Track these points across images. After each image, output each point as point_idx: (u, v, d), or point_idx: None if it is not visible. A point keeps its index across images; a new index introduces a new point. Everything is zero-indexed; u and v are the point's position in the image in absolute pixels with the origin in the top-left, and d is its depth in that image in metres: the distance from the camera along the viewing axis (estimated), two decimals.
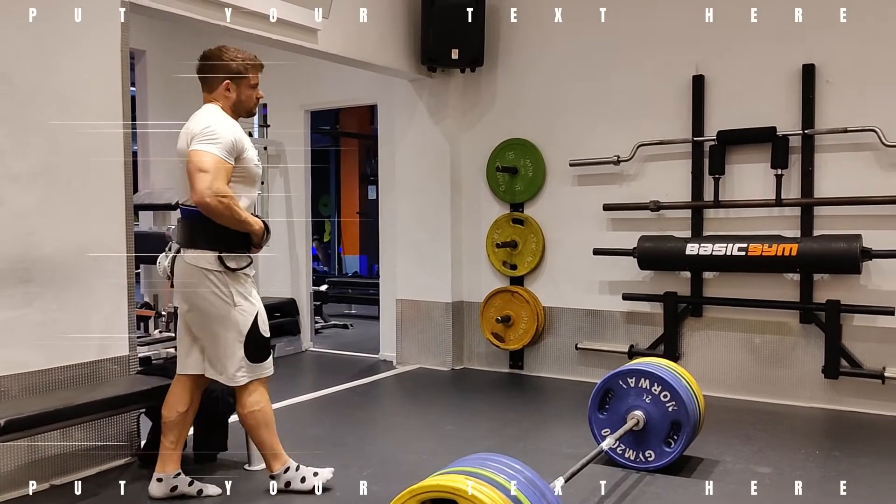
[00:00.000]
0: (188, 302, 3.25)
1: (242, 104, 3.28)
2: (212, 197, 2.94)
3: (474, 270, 6.08)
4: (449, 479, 2.12)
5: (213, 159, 2.99)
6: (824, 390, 4.79)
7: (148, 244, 6.06)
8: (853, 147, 4.66)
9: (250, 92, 3.28)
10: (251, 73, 3.26)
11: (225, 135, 3.05)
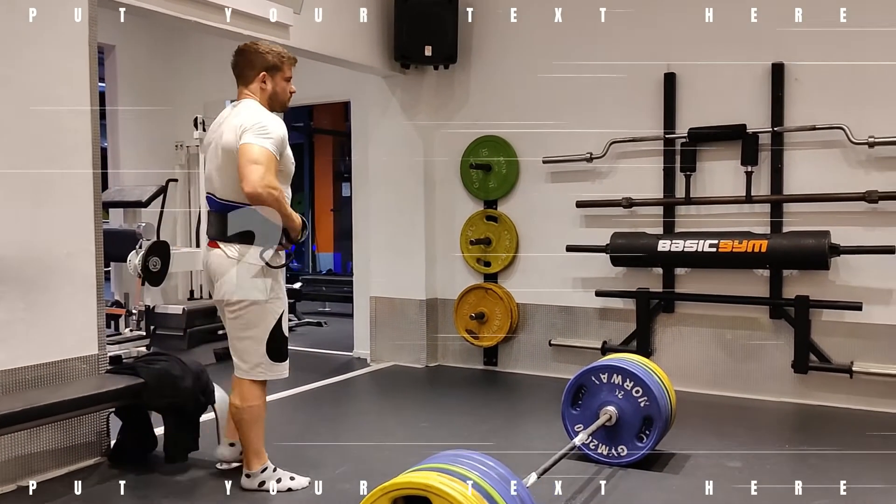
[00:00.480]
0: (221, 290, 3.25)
1: (277, 96, 3.32)
2: (264, 188, 3.00)
3: (448, 267, 6.08)
4: (421, 476, 2.11)
5: (266, 153, 3.05)
6: (794, 385, 4.85)
7: (118, 242, 6.01)
8: (821, 144, 4.72)
9: (284, 85, 3.33)
10: (286, 65, 3.31)
11: (275, 131, 3.12)
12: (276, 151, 3.10)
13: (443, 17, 5.57)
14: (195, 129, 6.52)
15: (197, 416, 3.62)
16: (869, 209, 4.57)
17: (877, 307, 4.59)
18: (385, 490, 2.10)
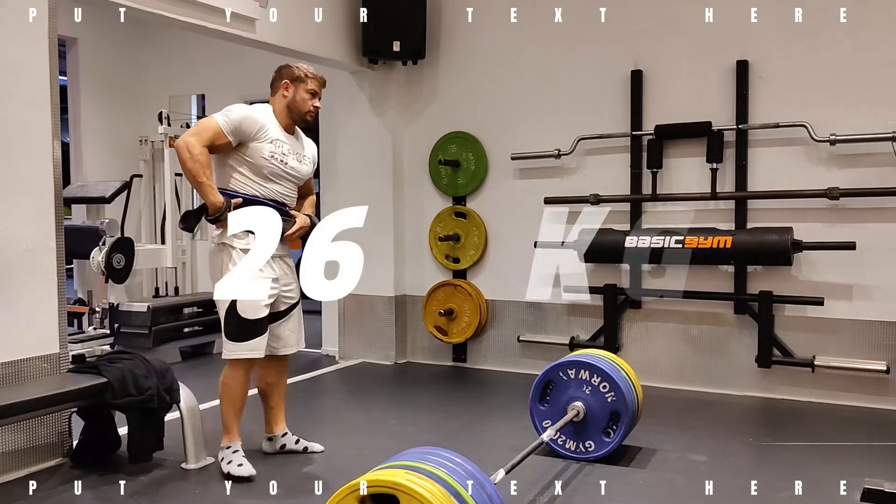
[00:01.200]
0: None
1: (297, 105, 3.52)
2: (183, 143, 3.30)
3: (417, 264, 6.06)
4: (388, 474, 2.10)
5: (208, 121, 3.37)
6: (757, 379, 4.92)
7: (81, 239, 5.91)
8: (785, 142, 4.79)
9: (305, 96, 3.52)
10: (310, 80, 3.54)
11: (235, 112, 3.38)
12: (224, 124, 3.34)
13: (411, 12, 5.55)
14: (160, 124, 6.44)
15: (162, 416, 3.57)
16: (830, 206, 4.65)
17: (838, 302, 4.68)
18: (352, 488, 2.09)
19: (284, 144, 3.51)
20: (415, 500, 2.01)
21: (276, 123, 3.50)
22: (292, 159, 3.54)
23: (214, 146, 3.36)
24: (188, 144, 3.28)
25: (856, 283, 4.65)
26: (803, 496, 3.21)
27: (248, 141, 3.39)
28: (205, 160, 3.32)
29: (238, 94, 6.79)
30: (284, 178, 3.53)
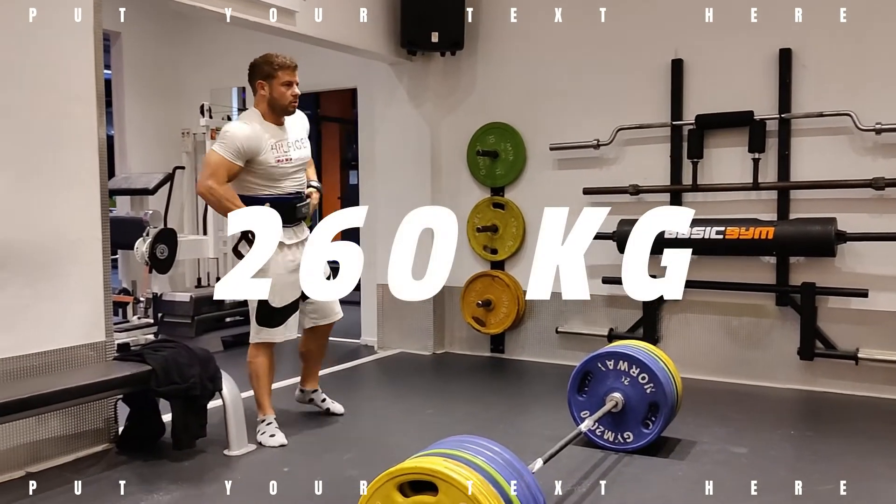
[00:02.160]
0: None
1: (277, 101, 3.64)
2: (204, 189, 3.56)
3: (455, 255, 6.06)
4: (426, 461, 2.12)
5: (214, 157, 3.57)
6: (799, 371, 4.85)
7: (125, 230, 6.03)
8: (828, 131, 4.69)
9: (283, 89, 3.62)
10: (280, 71, 3.61)
11: (231, 138, 3.56)
12: (230, 155, 3.54)
13: (449, 3, 5.54)
14: (202, 116, 6.53)
15: (204, 403, 3.64)
16: (875, 196, 4.55)
17: (883, 294, 4.58)
18: (391, 475, 2.11)
19: (283, 142, 3.69)
20: (452, 487, 2.02)
21: (267, 124, 3.66)
22: (294, 151, 3.74)
23: (234, 176, 3.60)
24: (209, 190, 3.54)
25: None
26: (846, 490, 3.16)
27: (254, 157, 3.60)
28: (229, 194, 3.58)
29: None
30: (293, 170, 3.77)
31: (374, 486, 2.13)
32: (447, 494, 2.04)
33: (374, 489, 2.13)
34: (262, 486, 3.27)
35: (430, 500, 2.06)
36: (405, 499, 2.10)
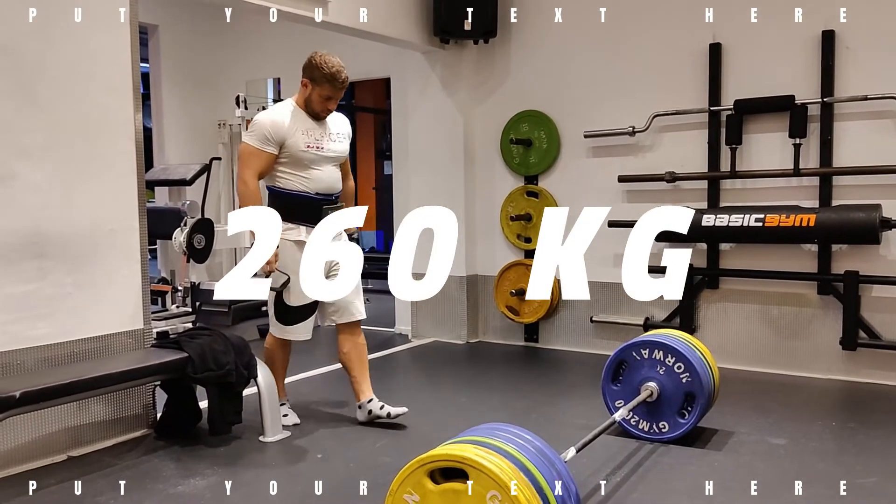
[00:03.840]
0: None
1: (311, 104, 3.68)
2: (239, 182, 3.63)
3: (488, 244, 6.05)
4: (457, 448, 2.11)
5: (245, 148, 3.65)
6: (842, 362, 4.74)
7: (164, 220, 6.11)
8: (873, 115, 4.57)
9: (319, 99, 3.64)
10: (325, 85, 3.60)
11: (260, 125, 3.62)
12: (258, 142, 3.59)
13: None
14: (237, 108, 6.59)
15: (240, 390, 3.68)
16: None
17: None
18: (422, 462, 2.11)
19: (316, 130, 3.69)
20: (483, 474, 2.01)
21: (303, 114, 3.68)
22: (327, 141, 3.73)
23: (267, 164, 3.63)
24: (242, 183, 3.59)
25: None
26: (888, 483, 3.08)
27: (284, 140, 3.61)
28: (255, 198, 3.59)
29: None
30: (324, 161, 3.74)
31: (404, 472, 2.13)
32: (478, 481, 2.03)
33: (404, 475, 2.13)
34: (297, 472, 3.30)
35: (460, 487, 2.06)
36: (435, 486, 2.09)
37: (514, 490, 1.98)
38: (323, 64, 3.58)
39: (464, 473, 2.05)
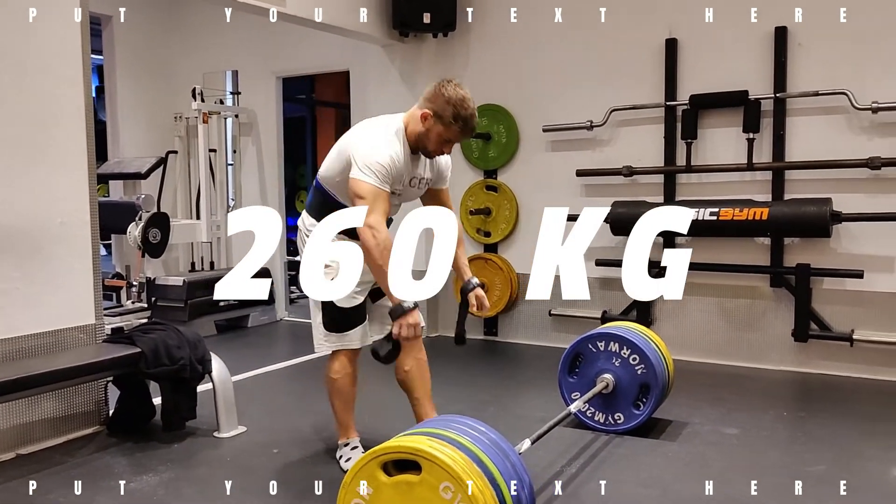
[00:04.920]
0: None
1: (422, 141, 2.98)
2: (366, 229, 2.84)
3: None
4: (410, 440, 2.11)
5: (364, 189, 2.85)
6: (794, 353, 4.84)
7: (118, 214, 6.00)
8: (824, 110, 4.66)
9: (437, 140, 2.96)
10: (452, 129, 2.93)
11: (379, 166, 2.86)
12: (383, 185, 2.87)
13: None
14: (194, 100, 6.49)
15: (194, 385, 3.63)
16: (871, 176, 4.52)
17: (878, 275, 4.57)
18: (375, 454, 2.10)
19: (415, 168, 3.07)
20: (436, 466, 2.01)
21: (408, 149, 3.00)
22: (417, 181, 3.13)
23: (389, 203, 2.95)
24: (373, 231, 2.81)
25: None
26: (838, 471, 3.15)
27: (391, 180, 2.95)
28: (391, 245, 2.85)
29: (269, 69, 6.82)
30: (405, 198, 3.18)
31: (358, 464, 2.12)
32: (430, 473, 2.02)
33: (358, 467, 2.12)
34: (252, 467, 3.27)
35: (413, 479, 2.06)
36: (388, 478, 2.09)
37: (470, 488, 1.98)
38: (459, 103, 2.89)
39: (417, 465, 2.05)
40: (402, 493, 2.07)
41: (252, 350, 5.79)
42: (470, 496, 1.98)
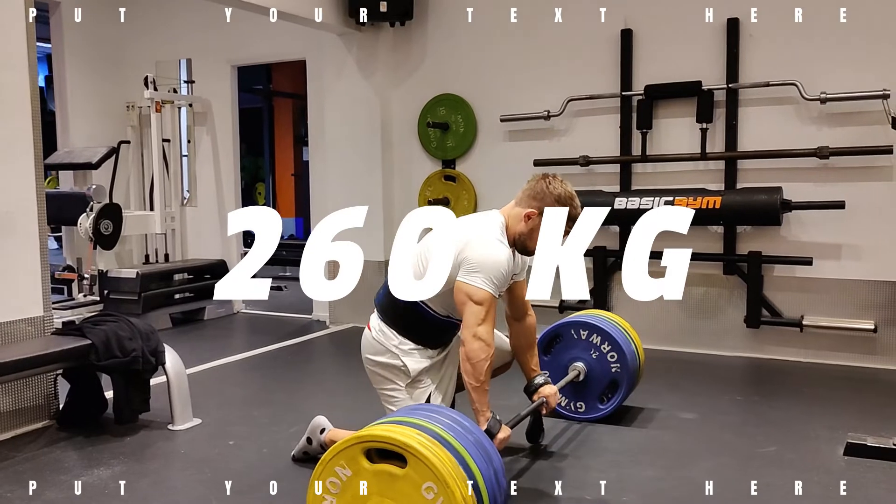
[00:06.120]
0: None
1: (522, 241, 2.85)
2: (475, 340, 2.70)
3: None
4: (399, 432, 2.07)
5: (484, 295, 2.70)
6: (747, 339, 4.93)
7: (68, 205, 5.87)
8: (775, 101, 4.74)
9: (536, 239, 2.82)
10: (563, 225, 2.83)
11: (499, 274, 2.73)
12: (498, 290, 2.74)
13: None
14: (146, 89, 6.37)
15: (147, 377, 3.56)
16: (820, 165, 4.62)
17: (826, 262, 4.67)
18: (360, 439, 2.07)
19: (515, 267, 2.92)
20: (422, 464, 1.99)
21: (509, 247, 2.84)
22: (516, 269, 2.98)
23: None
24: (483, 342, 2.67)
25: (844, 242, 4.64)
26: (786, 451, 3.22)
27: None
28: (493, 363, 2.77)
29: (225, 57, 6.71)
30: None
31: (340, 445, 2.09)
32: (416, 470, 2.01)
33: (340, 448, 2.09)
34: (207, 459, 3.22)
35: (396, 472, 2.04)
36: (371, 464, 2.07)
37: (454, 494, 1.97)
38: (569, 201, 2.83)
39: (402, 457, 2.03)
40: (381, 481, 2.06)
41: (208, 343, 5.70)
42: (453, 502, 1.96)
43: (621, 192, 5.07)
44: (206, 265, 6.65)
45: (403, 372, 2.94)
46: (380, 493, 2.07)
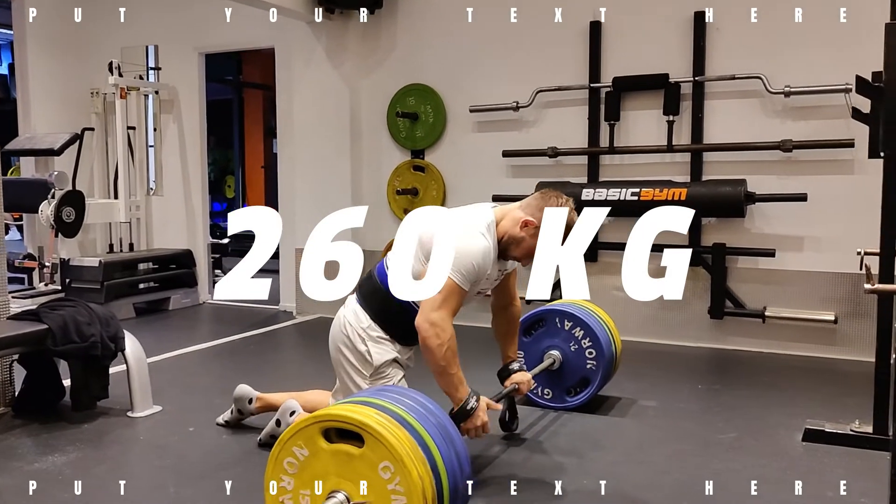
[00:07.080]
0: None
1: (509, 246, 2.78)
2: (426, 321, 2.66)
3: (375, 218, 5.97)
4: (357, 412, 2.04)
5: (451, 286, 2.64)
6: (710, 330, 4.97)
7: (29, 192, 5.75)
8: (740, 94, 4.78)
9: (527, 253, 2.79)
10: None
11: (473, 267, 2.66)
12: (466, 283, 2.65)
13: None
14: (111, 75, 6.27)
15: (106, 364, 3.50)
16: (783, 158, 4.67)
17: (789, 254, 4.73)
18: (318, 418, 2.03)
19: (495, 271, 2.87)
20: (379, 444, 1.96)
21: (496, 243, 2.78)
22: (491, 282, 2.97)
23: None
24: (437, 329, 2.61)
25: (806, 234, 4.70)
26: (746, 437, 3.26)
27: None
28: (455, 347, 2.71)
29: (192, 44, 6.63)
30: (488, 284, 2.95)
31: (298, 425, 2.06)
32: (373, 449, 1.98)
33: (297, 428, 2.06)
34: (166, 445, 3.18)
35: (353, 451, 2.01)
36: (329, 444, 2.04)
37: (411, 473, 1.94)
38: (568, 220, 2.78)
39: (359, 437, 2.01)
40: (339, 461, 2.03)
41: (172, 332, 5.64)
42: (410, 481, 1.94)
43: (589, 183, 5.09)
44: (172, 255, 6.58)
45: (367, 361, 2.91)
46: (337, 473, 2.05)
